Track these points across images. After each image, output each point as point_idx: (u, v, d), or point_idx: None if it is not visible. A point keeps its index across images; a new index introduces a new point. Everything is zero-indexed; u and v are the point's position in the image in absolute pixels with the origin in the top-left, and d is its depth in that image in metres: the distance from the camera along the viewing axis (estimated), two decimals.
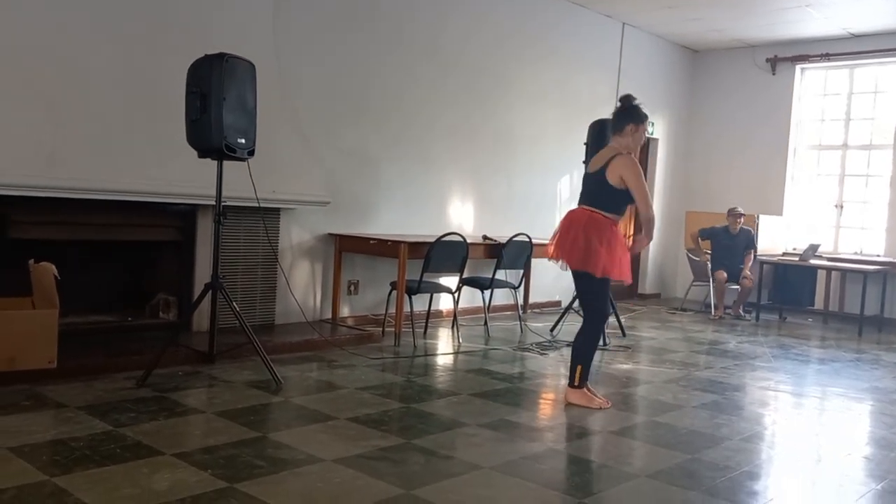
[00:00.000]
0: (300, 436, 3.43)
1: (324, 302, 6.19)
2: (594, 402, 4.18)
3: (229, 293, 4.84)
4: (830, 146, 9.15)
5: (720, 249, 8.28)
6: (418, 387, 4.50)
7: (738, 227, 8.20)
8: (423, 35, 6.73)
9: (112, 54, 4.77)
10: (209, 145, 4.09)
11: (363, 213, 6.41)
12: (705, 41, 9.38)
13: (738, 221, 8.19)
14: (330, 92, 6.07)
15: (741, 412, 4.27)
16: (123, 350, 4.55)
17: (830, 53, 8.82)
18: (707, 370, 5.41)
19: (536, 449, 3.42)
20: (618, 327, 6.68)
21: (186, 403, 3.80)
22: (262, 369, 4.39)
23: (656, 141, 9.56)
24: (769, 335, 7.24)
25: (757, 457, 3.47)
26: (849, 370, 5.73)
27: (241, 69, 4.18)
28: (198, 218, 5.25)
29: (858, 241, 8.88)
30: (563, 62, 8.14)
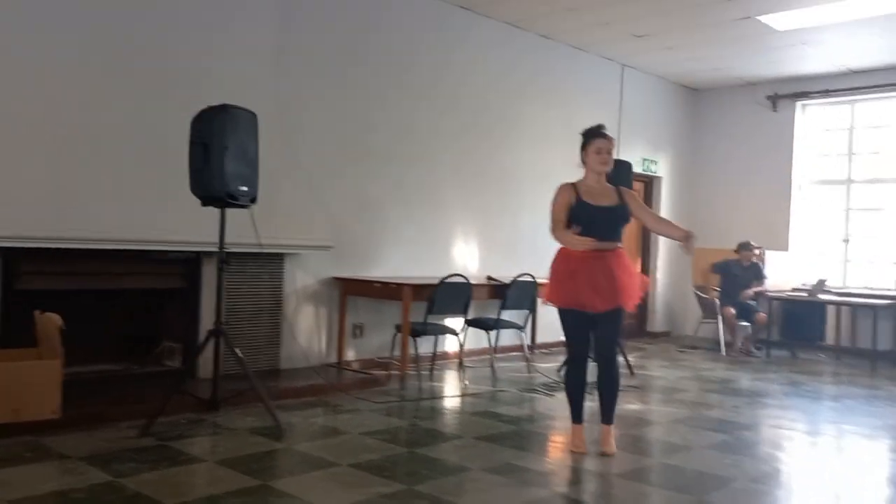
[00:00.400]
0: (302, 483, 3.40)
1: (329, 346, 6.19)
2: (572, 442, 4.09)
3: (234, 339, 4.86)
4: (835, 181, 9.15)
5: (731, 282, 8.28)
6: (423, 431, 4.46)
7: (750, 260, 8.25)
8: (424, 78, 6.84)
9: (117, 106, 4.87)
10: (212, 194, 4.15)
11: (367, 257, 6.44)
12: (705, 80, 9.47)
13: (751, 255, 8.25)
14: (333, 137, 6.15)
15: (751, 452, 4.20)
16: (127, 398, 4.55)
17: (830, 90, 8.88)
18: (717, 409, 5.34)
19: (542, 494, 3.37)
20: (626, 366, 6.62)
21: (189, 452, 3.78)
22: (266, 416, 4.37)
23: (660, 179, 9.59)
24: (781, 372, 7.16)
25: (766, 498, 3.40)
26: (863, 407, 5.65)
27: (242, 119, 4.25)
28: (202, 265, 5.30)
29: (866, 275, 8.81)
30: (564, 102, 8.23)
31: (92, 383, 4.83)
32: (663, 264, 9.72)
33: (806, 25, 7.06)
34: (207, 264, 5.27)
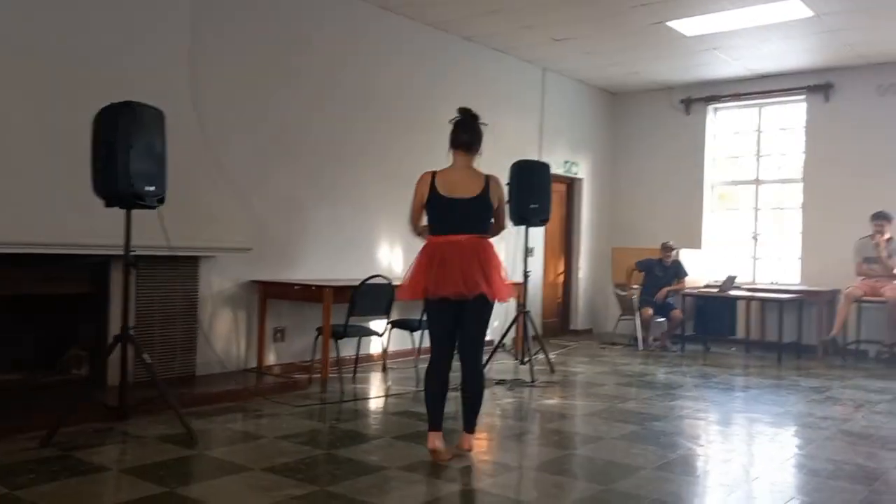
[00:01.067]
0: (210, 489, 3.33)
1: (248, 350, 6.08)
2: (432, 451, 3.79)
3: (146, 345, 4.74)
4: (744, 181, 9.54)
5: (652, 280, 8.53)
6: (341, 432, 4.43)
7: (670, 259, 8.51)
8: (346, 78, 6.79)
9: (18, 104, 4.66)
10: (116, 193, 4.03)
11: (290, 259, 6.36)
12: (623, 84, 9.74)
13: (670, 255, 8.50)
14: (253, 137, 6.05)
15: (659, 441, 4.33)
16: (29, 409, 4.37)
17: (740, 93, 9.26)
18: (630, 402, 5.49)
19: (453, 489, 3.40)
20: (546, 363, 6.73)
21: (92, 462, 3.65)
22: (177, 423, 4.25)
23: (581, 181, 9.80)
24: (693, 365, 7.41)
25: (668, 484, 3.51)
26: (767, 396, 5.90)
27: (148, 116, 4.14)
28: (111, 269, 5.13)
29: (775, 271, 9.22)
30: (489, 106, 8.21)
31: None
32: (585, 263, 9.93)
33: (713, 31, 7.34)
34: (116, 269, 5.10)
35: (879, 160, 8.29)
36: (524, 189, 6.41)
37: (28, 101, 4.69)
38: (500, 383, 6.08)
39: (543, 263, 9.26)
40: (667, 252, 8.53)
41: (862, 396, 5.88)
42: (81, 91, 4.81)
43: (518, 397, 5.61)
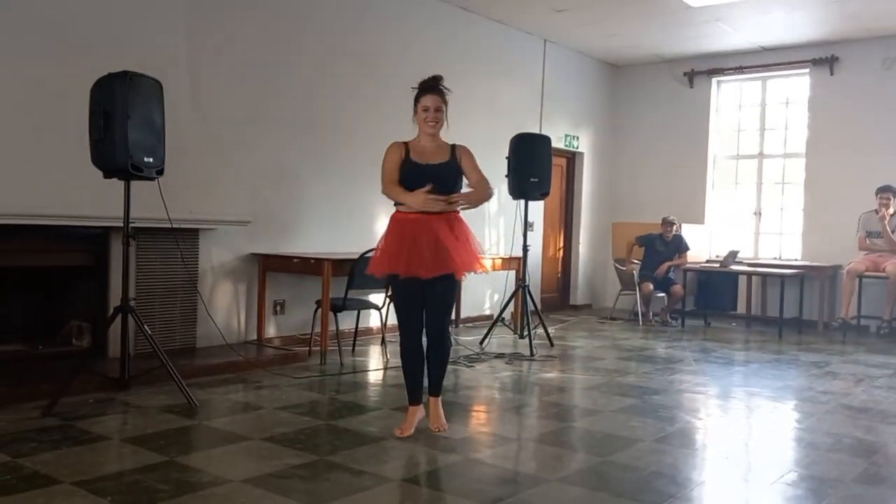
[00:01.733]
0: (210, 458, 3.35)
1: (248, 323, 6.09)
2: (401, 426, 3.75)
3: (147, 317, 4.74)
4: (748, 155, 9.48)
5: (653, 255, 8.48)
6: (340, 404, 4.45)
7: (671, 234, 8.45)
8: (342, 49, 6.72)
9: (18, 75, 4.63)
10: (114, 165, 4.00)
11: (288, 232, 6.35)
12: (625, 56, 9.64)
13: (671, 230, 8.43)
14: (249, 108, 6.00)
15: (656, 414, 4.35)
16: (31, 379, 4.37)
17: (744, 66, 9.17)
18: (630, 376, 5.50)
19: (451, 459, 3.41)
20: (546, 338, 6.75)
21: (93, 431, 3.67)
22: (177, 394, 4.28)
23: (582, 154, 9.74)
24: (694, 340, 7.42)
25: (667, 456, 3.53)
26: (767, 371, 5.91)
27: (146, 86, 4.11)
28: (111, 241, 5.12)
29: (777, 246, 9.20)
30: (490, 78, 8.25)
31: None
32: (585, 238, 9.91)
33: (717, 2, 7.24)
34: (116, 240, 5.09)
35: (884, 134, 8.22)
36: (524, 162, 6.38)
37: (24, 72, 4.65)
38: (499, 357, 6.09)
39: (543, 238, 9.24)
40: (668, 227, 8.48)
41: (862, 371, 5.89)
42: (79, 61, 4.76)
43: (517, 371, 5.62)
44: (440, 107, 3.75)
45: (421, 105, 3.74)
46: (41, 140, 4.66)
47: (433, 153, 3.75)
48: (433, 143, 3.78)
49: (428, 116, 3.73)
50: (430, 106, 3.73)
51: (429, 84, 3.77)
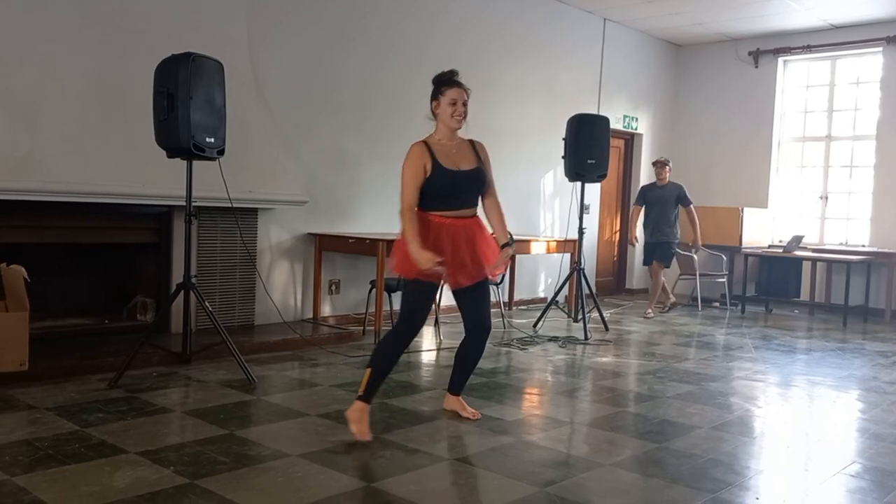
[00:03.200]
0: (268, 433, 3.43)
1: (304, 302, 6.19)
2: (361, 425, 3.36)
3: (207, 294, 4.87)
4: (814, 137, 9.16)
5: (652, 207, 7.78)
6: (394, 383, 4.49)
7: (665, 178, 7.75)
8: (402, 33, 6.73)
9: (86, 57, 4.77)
10: (177, 145, 4.09)
11: (344, 213, 6.41)
12: (688, 35, 9.39)
13: (663, 172, 7.73)
14: (307, 90, 6.07)
15: (715, 401, 4.27)
16: (98, 352, 4.54)
17: (812, 45, 8.83)
18: (687, 362, 5.41)
19: (505, 441, 3.41)
20: (601, 322, 6.68)
21: (157, 403, 3.80)
22: (237, 369, 4.39)
23: (640, 136, 9.56)
24: (754, 327, 7.24)
25: (724, 444, 3.46)
26: (830, 359, 5.73)
27: (208, 68, 4.18)
28: (173, 219, 5.26)
29: (844, 231, 8.89)
30: (547, 59, 8.15)
31: (63, 338, 4.83)
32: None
33: None
34: (178, 219, 5.23)
35: None
36: (581, 144, 6.29)
37: (90, 55, 4.79)
38: (553, 340, 6.06)
39: (599, 221, 9.12)
40: (660, 168, 7.71)
41: None
42: (143, 43, 4.88)
43: (571, 354, 5.59)
44: (466, 101, 3.51)
45: (447, 98, 3.47)
46: (108, 121, 4.80)
47: (459, 155, 3.49)
48: (454, 142, 3.53)
49: (457, 110, 3.46)
50: (458, 99, 3.47)
51: (452, 77, 3.52)
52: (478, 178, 3.54)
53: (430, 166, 3.40)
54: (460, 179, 3.46)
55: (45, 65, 4.61)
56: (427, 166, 3.40)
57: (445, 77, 3.52)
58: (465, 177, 3.48)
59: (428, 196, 3.42)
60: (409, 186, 3.40)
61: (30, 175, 4.42)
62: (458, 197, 3.47)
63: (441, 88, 3.50)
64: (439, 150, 3.47)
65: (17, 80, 4.51)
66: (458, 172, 3.46)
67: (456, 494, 2.81)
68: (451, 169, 3.44)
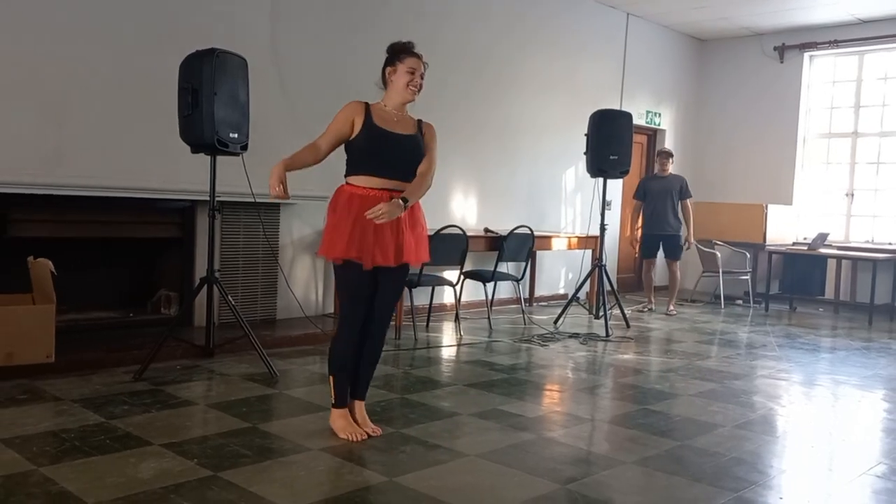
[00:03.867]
0: (290, 426, 3.45)
1: (325, 296, 6.22)
2: (351, 430, 3.23)
3: (230, 289, 4.90)
4: (841, 134, 9.03)
5: (654, 198, 7.49)
6: (415, 378, 4.50)
7: (667, 169, 7.55)
8: (425, 26, 6.72)
9: (111, 53, 4.83)
10: (201, 140, 4.13)
11: None
12: (712, 30, 9.30)
13: (666, 163, 7.52)
14: (328, 85, 6.08)
15: (738, 400, 4.23)
16: (123, 345, 4.59)
17: (839, 40, 8.71)
18: (710, 360, 5.37)
19: (525, 437, 3.41)
20: (622, 318, 6.64)
21: (181, 396, 3.84)
22: (259, 363, 4.42)
23: (663, 132, 9.49)
24: (778, 325, 7.17)
25: (748, 443, 3.43)
26: (855, 358, 5.66)
27: (232, 64, 4.21)
28: (197, 214, 5.30)
29: (870, 229, 8.76)
30: (567, 52, 8.11)
31: (88, 331, 4.90)
32: None
33: None
34: (202, 213, 5.27)
35: None
36: (604, 140, 6.26)
37: (114, 51, 4.84)
38: (574, 336, 6.04)
39: (621, 217, 9.07)
40: (663, 158, 7.52)
41: None
42: (166, 39, 4.93)
43: (592, 351, 5.57)
44: (423, 73, 3.29)
45: (405, 66, 3.24)
46: (133, 117, 4.85)
47: (398, 123, 3.26)
48: (399, 113, 3.30)
49: (413, 80, 3.25)
50: (417, 70, 3.26)
51: (411, 46, 3.31)
52: (413, 144, 3.25)
53: (360, 124, 3.19)
54: (392, 141, 3.19)
55: (72, 60, 4.67)
56: (356, 123, 3.19)
57: (404, 46, 3.31)
58: (398, 139, 3.20)
59: (355, 158, 3.21)
60: (331, 128, 3.24)
61: (57, 170, 4.49)
62: (388, 162, 3.16)
63: (400, 55, 3.28)
64: (378, 113, 3.26)
65: (46, 75, 4.57)
66: (391, 133, 3.19)
67: (476, 490, 2.81)
68: (381, 127, 3.19)
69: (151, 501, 2.52)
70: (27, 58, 4.51)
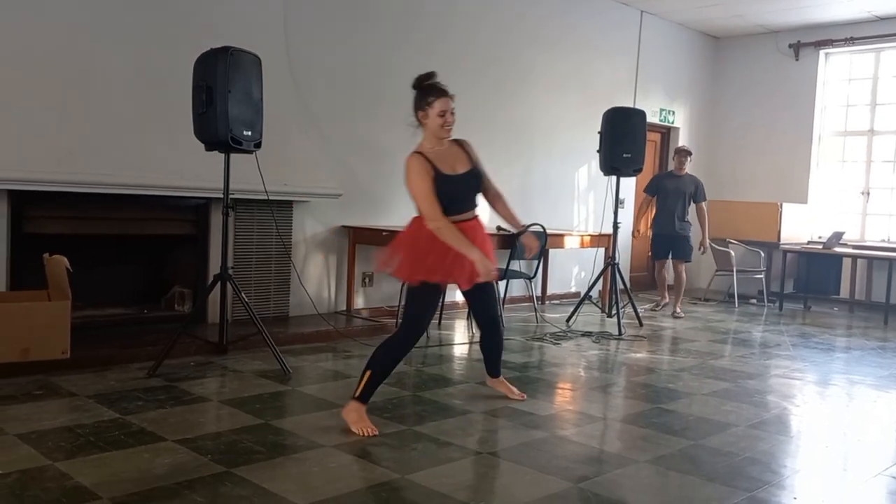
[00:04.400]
0: (303, 423, 3.46)
1: (338, 294, 6.24)
2: (362, 424, 3.32)
3: (243, 286, 4.93)
4: (856, 132, 8.95)
5: (667, 196, 7.28)
6: (426, 376, 4.51)
7: (684, 168, 7.30)
8: (434, 24, 6.73)
9: (125, 51, 4.86)
10: (215, 138, 4.15)
11: (377, 205, 6.44)
12: (727, 28, 9.23)
13: (684, 161, 7.26)
14: (342, 83, 6.10)
15: (751, 399, 4.21)
16: (137, 342, 4.63)
17: (855, 37, 8.63)
18: (723, 359, 5.34)
19: (537, 436, 3.41)
20: (635, 317, 6.62)
21: (194, 392, 3.86)
22: (272, 360, 4.44)
23: (677, 130, 9.44)
24: (792, 324, 7.12)
25: (761, 443, 3.41)
26: (870, 358, 5.62)
27: (246, 62, 4.22)
28: (210, 211, 5.33)
29: (886, 228, 8.68)
30: (580, 49, 8.08)
31: (103, 327, 4.93)
32: None
33: None
34: (216, 211, 5.30)
35: None
36: (617, 138, 6.23)
37: (129, 49, 4.87)
38: (586, 335, 6.03)
39: (634, 215, 9.02)
40: (682, 157, 7.25)
41: None
42: (180, 36, 4.96)
43: (604, 350, 5.55)
44: (454, 109, 3.51)
45: (435, 110, 3.45)
46: (148, 114, 4.88)
47: (453, 159, 3.50)
48: (444, 147, 3.53)
49: (446, 121, 3.46)
50: (447, 110, 3.46)
51: (436, 85, 3.50)
52: (475, 179, 3.57)
53: (433, 174, 3.40)
54: (459, 183, 3.47)
55: (88, 58, 4.71)
56: (431, 174, 3.40)
57: (427, 84, 3.50)
58: (464, 180, 3.50)
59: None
60: (429, 197, 3.38)
61: (72, 166, 4.52)
62: (460, 201, 3.48)
63: (428, 99, 3.48)
64: (434, 157, 3.45)
65: (61, 72, 4.61)
66: (457, 177, 3.47)
67: (488, 488, 2.81)
68: (449, 174, 3.44)
69: (165, 497, 2.54)
70: (43, 56, 4.55)
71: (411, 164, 3.44)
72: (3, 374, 3.88)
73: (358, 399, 3.39)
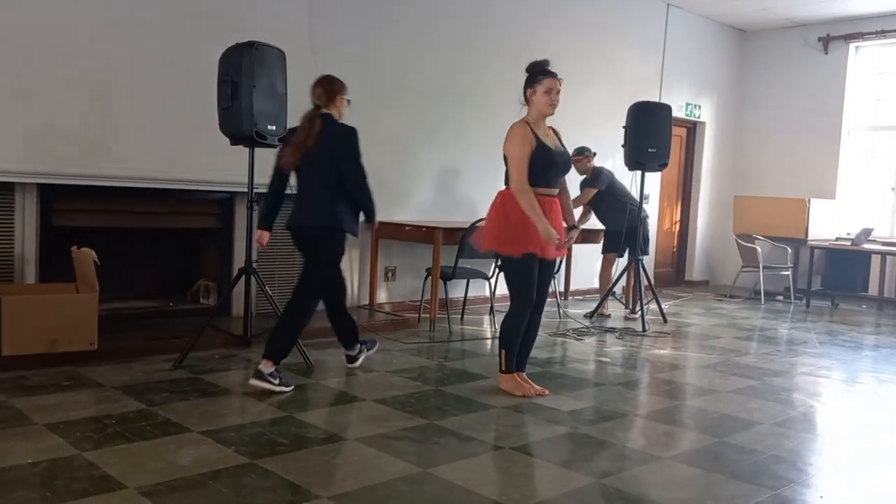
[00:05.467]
0: (326, 416, 3.49)
1: (361, 288, 6.26)
2: (523, 388, 3.90)
3: (267, 279, 4.96)
4: (887, 127, 8.80)
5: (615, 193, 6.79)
6: (449, 370, 4.51)
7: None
8: (463, 13, 6.72)
9: (152, 46, 4.90)
10: (240, 133, 4.18)
11: (400, 200, 6.44)
12: (754, 21, 9.11)
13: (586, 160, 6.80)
14: (365, 77, 6.10)
15: (777, 397, 4.16)
16: (163, 334, 4.68)
17: (886, 30, 8.47)
18: (749, 356, 5.28)
19: (559, 431, 3.40)
20: (659, 313, 6.57)
21: (219, 384, 3.90)
22: (295, 353, 4.44)
23: (703, 124, 9.34)
24: (819, 321, 7.03)
25: (787, 441, 3.37)
26: None
27: (271, 57, 4.24)
28: (235, 205, 5.37)
29: None
30: (605, 43, 8.02)
31: (130, 319, 5.00)
32: (703, 213, 9.54)
33: None
34: (240, 205, 5.33)
35: None
36: (642, 132, 6.18)
37: (156, 44, 4.91)
38: (610, 331, 5.99)
39: (659, 211, 8.96)
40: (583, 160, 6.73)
41: None
42: (207, 31, 4.99)
43: (628, 346, 5.52)
44: (559, 90, 3.82)
45: (543, 87, 3.77)
46: (174, 108, 4.93)
47: (550, 138, 3.85)
48: (545, 125, 3.88)
49: (553, 99, 3.78)
50: (553, 88, 3.78)
51: (547, 67, 3.82)
52: (566, 159, 3.94)
53: (535, 143, 3.70)
54: (558, 157, 3.81)
55: (115, 50, 4.76)
56: (532, 143, 3.70)
57: (541, 67, 3.81)
58: (561, 156, 3.87)
59: (530, 172, 3.69)
60: (522, 164, 3.68)
61: (100, 160, 4.59)
62: (553, 175, 3.80)
63: (538, 77, 3.78)
64: (537, 129, 3.78)
65: (90, 65, 4.66)
66: (555, 151, 3.80)
67: (510, 483, 2.81)
68: (550, 147, 3.77)
69: (190, 487, 2.56)
70: (71, 51, 4.60)
71: (516, 130, 3.76)
72: (33, 364, 3.95)
73: (506, 372, 3.89)
